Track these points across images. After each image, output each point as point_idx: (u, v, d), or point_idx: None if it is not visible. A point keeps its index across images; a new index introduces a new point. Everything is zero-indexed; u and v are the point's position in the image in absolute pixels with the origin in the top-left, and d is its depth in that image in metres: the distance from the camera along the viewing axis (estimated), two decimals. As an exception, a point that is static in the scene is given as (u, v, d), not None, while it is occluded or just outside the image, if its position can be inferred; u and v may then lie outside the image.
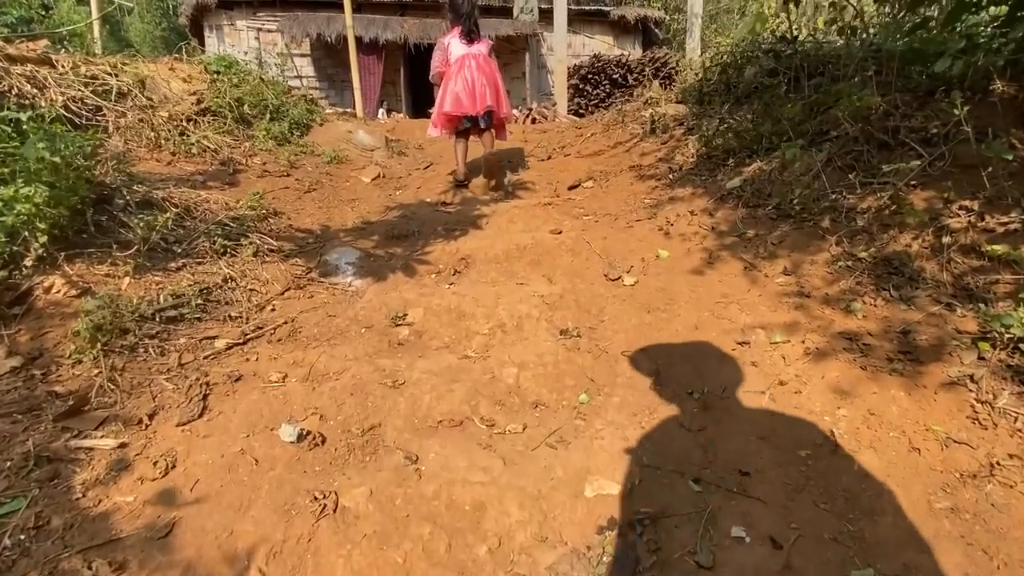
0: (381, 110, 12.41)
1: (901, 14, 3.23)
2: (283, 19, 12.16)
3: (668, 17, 14.84)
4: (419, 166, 4.83)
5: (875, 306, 1.90)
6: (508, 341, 2.22)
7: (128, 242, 2.51)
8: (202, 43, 13.16)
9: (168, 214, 2.55)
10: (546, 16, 13.02)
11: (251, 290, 2.53)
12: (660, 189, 3.32)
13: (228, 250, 2.75)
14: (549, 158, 4.66)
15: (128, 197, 2.86)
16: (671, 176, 3.41)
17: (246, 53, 12.10)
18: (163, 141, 3.85)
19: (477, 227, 3.37)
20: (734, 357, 1.86)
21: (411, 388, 1.89)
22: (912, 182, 2.30)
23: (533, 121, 10.17)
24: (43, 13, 14.79)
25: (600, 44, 13.89)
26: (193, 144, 3.83)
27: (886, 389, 1.59)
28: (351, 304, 2.53)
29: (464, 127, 4.07)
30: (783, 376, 1.72)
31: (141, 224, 2.53)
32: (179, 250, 2.68)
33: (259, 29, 12.79)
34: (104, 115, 3.80)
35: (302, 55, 12.92)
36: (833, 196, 2.46)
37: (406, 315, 2.42)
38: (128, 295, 2.22)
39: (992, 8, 2.64)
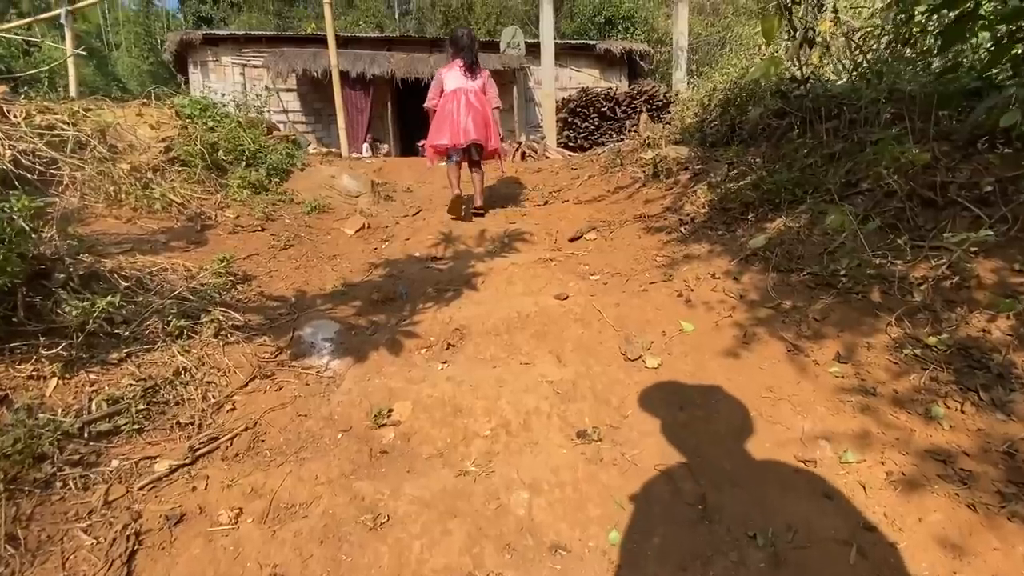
0: (365, 144, 12.16)
1: (929, 54, 2.98)
2: (269, 55, 11.95)
3: (653, 50, 14.90)
4: (407, 212, 4.48)
5: (962, 412, 1.55)
6: (515, 447, 1.84)
7: (63, 328, 2.11)
8: (187, 79, 12.90)
9: (111, 297, 2.15)
10: (533, 50, 12.97)
11: (208, 383, 2.13)
12: (672, 244, 3.00)
13: (184, 332, 2.35)
14: (546, 203, 4.35)
15: (72, 270, 2.46)
16: (683, 229, 3.09)
17: (231, 90, 11.86)
18: (124, 195, 3.47)
19: (472, 287, 3.01)
20: (799, 483, 1.49)
21: (396, 529, 1.49)
22: (972, 248, 1.99)
23: (523, 156, 9.95)
24: (25, 52, 14.50)
25: (587, 77, 13.87)
26: (157, 199, 3.44)
27: (1010, 543, 1.23)
28: (326, 397, 2.13)
29: (455, 158, 4.25)
30: (869, 516, 1.35)
31: (77, 309, 2.12)
32: (126, 333, 2.28)
33: (244, 65, 12.57)
34: (59, 168, 3.42)
35: (288, 90, 12.69)
36: (878, 262, 2.14)
37: (391, 411, 2.03)
38: (53, 403, 1.81)
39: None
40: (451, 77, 4.19)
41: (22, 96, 4.07)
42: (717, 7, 21.19)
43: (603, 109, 11.43)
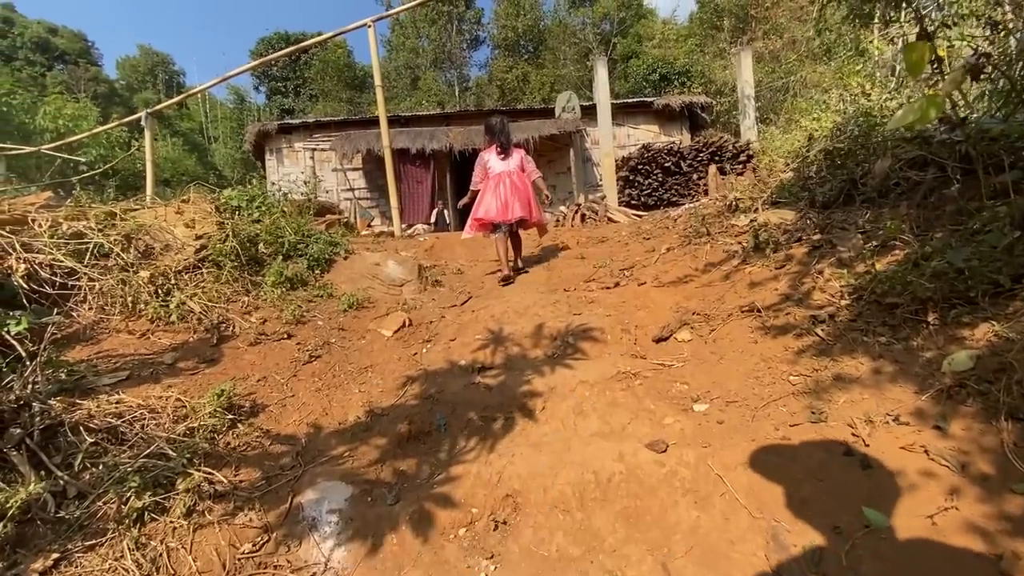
0: (435, 211, 12.07)
1: None
2: (336, 138, 12.35)
3: (714, 101, 14.18)
4: (456, 300, 3.84)
5: None
6: None
7: (-15, 520, 1.54)
8: (263, 166, 13.60)
9: (32, 486, 1.58)
10: (588, 112, 12.62)
11: (152, 611, 1.46)
12: (809, 355, 2.10)
13: (147, 511, 1.73)
14: (617, 285, 3.56)
15: (35, 422, 1.95)
16: (820, 332, 2.19)
17: (301, 175, 12.27)
18: (142, 306, 3.06)
19: (528, 416, 2.24)
20: None
21: None
22: None
23: (583, 219, 9.30)
24: (124, 150, 16.04)
25: (645, 134, 13.29)
26: (173, 309, 3.01)
27: None
28: (314, 638, 1.39)
29: (503, 230, 4.43)
30: None
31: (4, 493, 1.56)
32: (73, 515, 1.69)
33: (314, 149, 13.07)
34: (80, 280, 3.08)
35: (354, 169, 13.01)
36: None
37: None
38: None
39: None
40: (494, 161, 4.59)
41: (70, 201, 3.92)
42: (777, 54, 20.35)
43: (666, 164, 10.68)
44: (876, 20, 7.32)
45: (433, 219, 12.05)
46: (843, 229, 2.87)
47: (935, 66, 2.67)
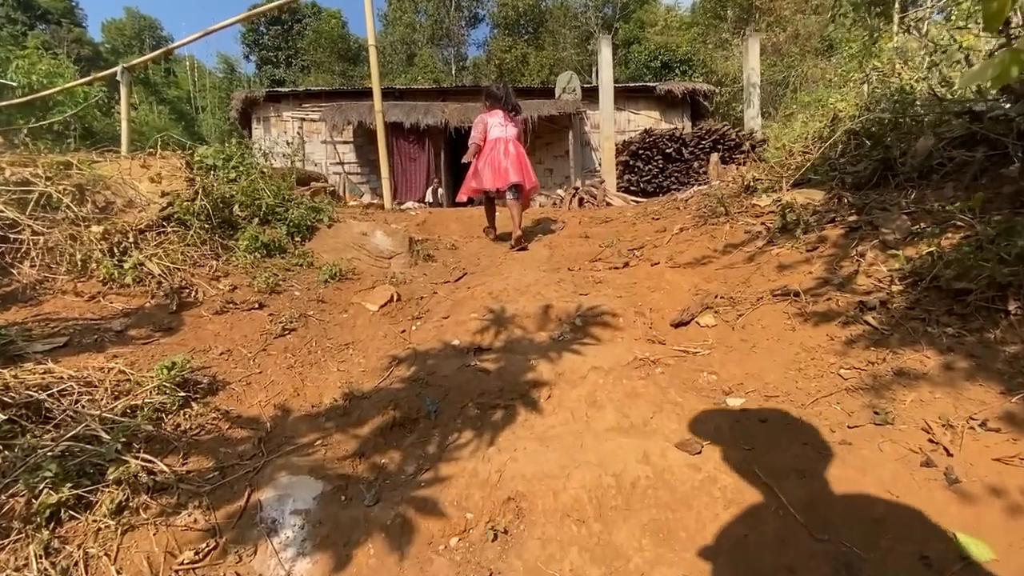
0: (429, 190, 11.63)
1: None
2: (326, 109, 11.82)
3: (716, 90, 13.85)
4: (449, 276, 3.51)
5: None
6: None
7: None
8: (250, 134, 13.01)
9: None
10: (589, 94, 12.23)
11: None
12: (861, 346, 1.81)
13: (65, 508, 1.39)
14: (626, 265, 3.25)
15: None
16: (871, 320, 1.90)
17: (290, 143, 11.71)
18: (94, 265, 2.69)
19: (533, 408, 1.93)
20: None
21: None
22: None
23: (581, 202, 8.97)
24: (106, 112, 15.27)
25: (646, 119, 12.93)
26: (128, 270, 2.63)
27: None
28: None
29: (492, 195, 4.55)
30: None
31: None
32: (-29, 511, 1.35)
33: (303, 119, 12.53)
34: (22, 233, 2.69)
35: (344, 142, 12.49)
36: None
37: None
38: None
39: None
40: (493, 124, 4.48)
41: (20, 147, 3.49)
42: (779, 47, 20.01)
43: (668, 151, 10.37)
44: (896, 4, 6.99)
45: (429, 198, 11.63)
46: (884, 210, 2.57)
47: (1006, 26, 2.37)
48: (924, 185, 2.74)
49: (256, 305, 2.71)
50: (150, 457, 1.58)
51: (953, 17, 4.33)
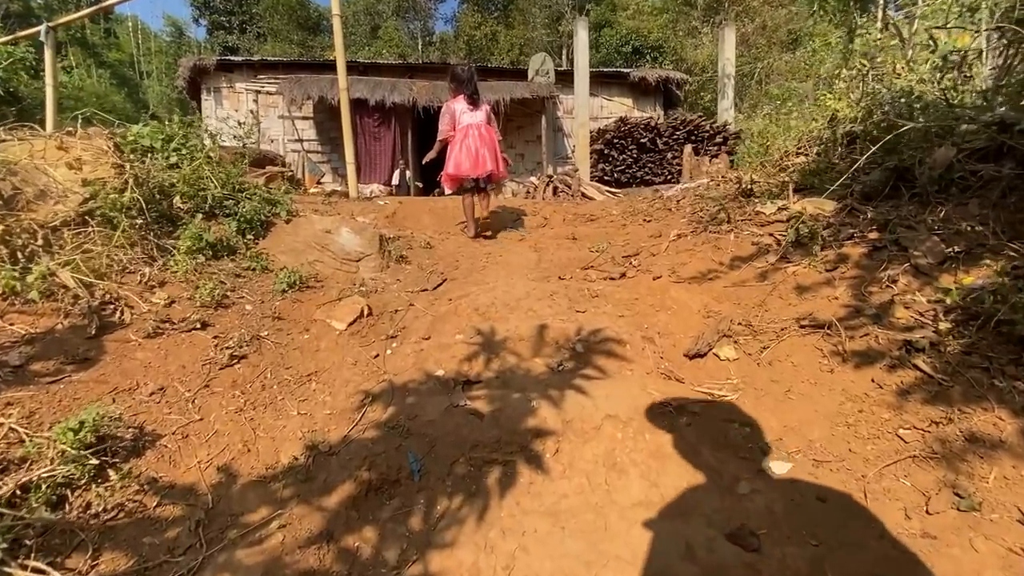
0: (396, 173, 11.00)
1: None
2: (284, 81, 10.93)
3: (688, 78, 13.68)
4: (427, 283, 3.12)
5: None
6: None
7: None
8: (200, 107, 11.96)
9: None
10: (563, 78, 11.81)
11: None
12: (917, 399, 1.57)
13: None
14: (623, 276, 2.95)
15: None
16: (922, 364, 1.66)
17: (242, 122, 10.81)
18: (-11, 275, 2.16)
19: (537, 465, 1.61)
20: None
21: None
22: None
23: (555, 192, 8.63)
24: (34, 75, 13.75)
25: (619, 107, 12.64)
26: (32, 283, 2.12)
27: None
28: None
29: (469, 186, 4.38)
30: None
31: None
32: None
33: (258, 92, 11.58)
34: None
35: (304, 118, 11.65)
36: None
37: None
38: None
39: None
40: (462, 111, 4.31)
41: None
42: (747, 37, 20.00)
43: (643, 140, 10.13)
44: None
45: (395, 181, 11.01)
46: (910, 228, 2.36)
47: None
48: (942, 200, 2.55)
49: (198, 324, 2.26)
50: (42, 567, 1.17)
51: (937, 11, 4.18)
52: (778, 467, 1.48)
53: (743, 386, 1.86)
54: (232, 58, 12.07)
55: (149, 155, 3.43)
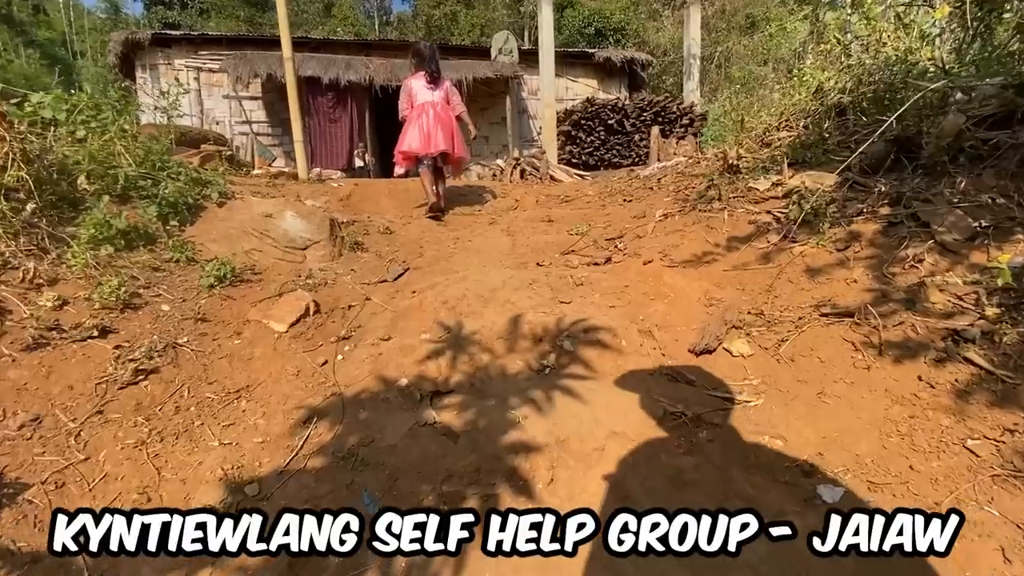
0: (356, 153, 10.35)
1: None
2: (229, 58, 10.05)
3: (655, 60, 13.46)
4: (386, 273, 2.71)
5: None
6: None
7: None
8: (134, 84, 10.91)
9: None
10: (527, 58, 11.36)
11: None
12: (980, 401, 1.30)
13: None
14: (609, 260, 2.62)
15: None
16: (977, 357, 1.40)
17: (165, 92, 9.89)
18: None
19: (528, 501, 1.27)
20: None
21: None
22: None
23: (523, 175, 8.27)
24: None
25: (584, 88, 12.31)
26: None
27: None
28: None
29: (427, 163, 4.18)
30: None
31: None
32: None
33: (199, 69, 10.63)
34: None
35: (252, 98, 10.79)
36: None
37: None
38: None
39: None
40: (418, 89, 4.26)
41: None
42: (707, 21, 19.96)
43: (610, 122, 9.84)
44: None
45: (358, 163, 10.36)
46: (927, 201, 2.11)
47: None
48: (943, 171, 2.32)
49: (96, 332, 1.80)
50: None
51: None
52: (827, 493, 1.19)
53: (764, 388, 1.57)
54: (170, 32, 11.04)
55: (52, 128, 2.88)
